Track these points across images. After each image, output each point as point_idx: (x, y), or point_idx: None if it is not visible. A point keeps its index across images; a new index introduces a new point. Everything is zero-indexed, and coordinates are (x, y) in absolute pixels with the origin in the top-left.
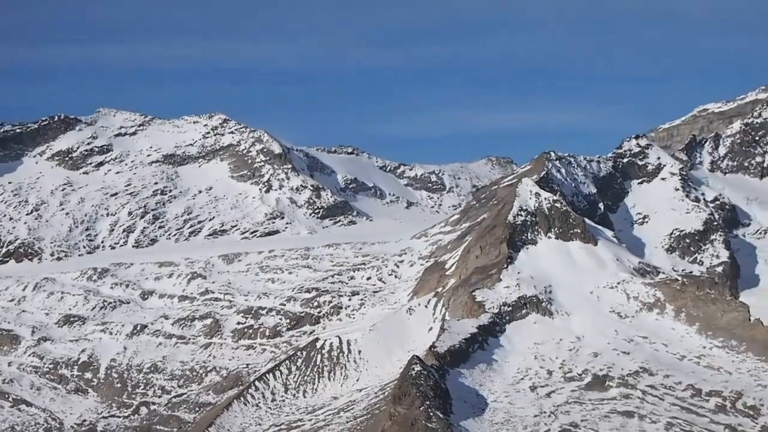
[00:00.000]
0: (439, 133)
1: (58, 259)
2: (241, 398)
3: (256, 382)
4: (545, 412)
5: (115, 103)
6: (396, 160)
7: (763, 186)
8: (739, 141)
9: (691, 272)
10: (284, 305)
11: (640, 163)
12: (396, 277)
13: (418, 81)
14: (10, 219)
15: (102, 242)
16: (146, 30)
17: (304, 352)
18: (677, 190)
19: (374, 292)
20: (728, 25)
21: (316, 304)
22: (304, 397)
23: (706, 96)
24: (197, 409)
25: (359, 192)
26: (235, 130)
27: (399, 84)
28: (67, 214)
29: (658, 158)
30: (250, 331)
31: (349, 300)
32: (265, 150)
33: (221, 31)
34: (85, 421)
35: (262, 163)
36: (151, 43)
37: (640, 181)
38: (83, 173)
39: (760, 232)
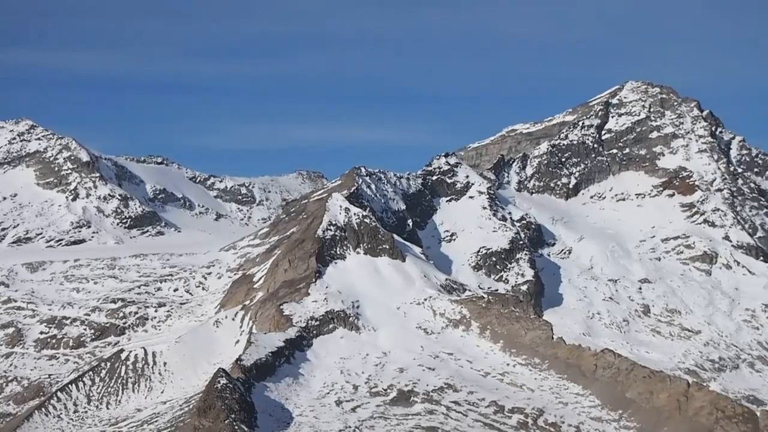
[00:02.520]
0: (250, 146)
1: None
2: (43, 409)
3: (59, 393)
4: (350, 427)
5: None
6: (206, 171)
7: (569, 206)
8: (545, 162)
9: (497, 290)
10: (89, 315)
11: (448, 181)
12: (203, 289)
13: (230, 94)
14: None
15: None
16: None
17: (108, 363)
18: (485, 208)
19: (181, 303)
20: (538, 49)
21: (121, 314)
22: (108, 408)
23: (514, 117)
24: None
25: (168, 203)
26: (42, 136)
27: (211, 96)
28: None
29: (467, 177)
30: (54, 340)
31: (156, 311)
32: (72, 158)
33: (33, 36)
34: None
35: (70, 171)
36: None
37: (448, 198)
38: None
39: (565, 252)
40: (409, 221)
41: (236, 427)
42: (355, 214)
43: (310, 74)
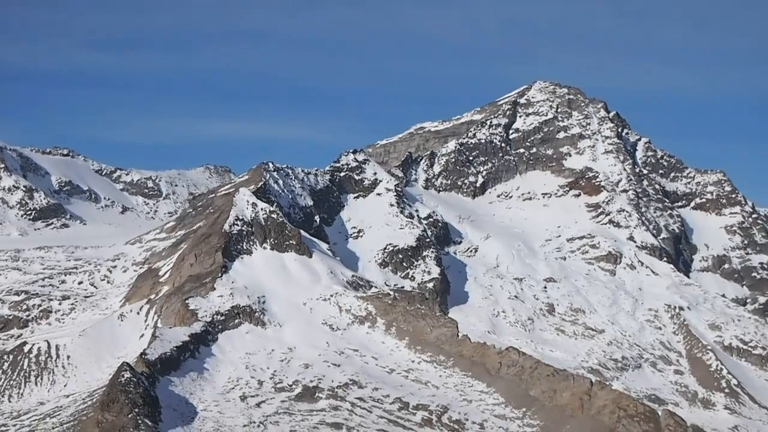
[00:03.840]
0: (158, 140)
1: None
2: None
3: None
4: (255, 422)
5: None
6: (112, 164)
7: (476, 205)
8: (453, 160)
9: (403, 287)
10: None
11: (356, 177)
12: (108, 282)
13: (138, 88)
14: None
15: None
16: None
17: (11, 356)
18: (392, 205)
19: (86, 297)
20: (447, 48)
21: (24, 307)
22: (9, 401)
23: (423, 115)
24: None
25: (73, 195)
26: None
27: (119, 90)
28: None
29: (375, 173)
30: None
31: (60, 304)
32: None
33: None
34: None
35: None
36: None
37: (356, 195)
38: None
39: (471, 250)
40: (317, 217)
41: (140, 422)
42: (262, 209)
43: (220, 69)
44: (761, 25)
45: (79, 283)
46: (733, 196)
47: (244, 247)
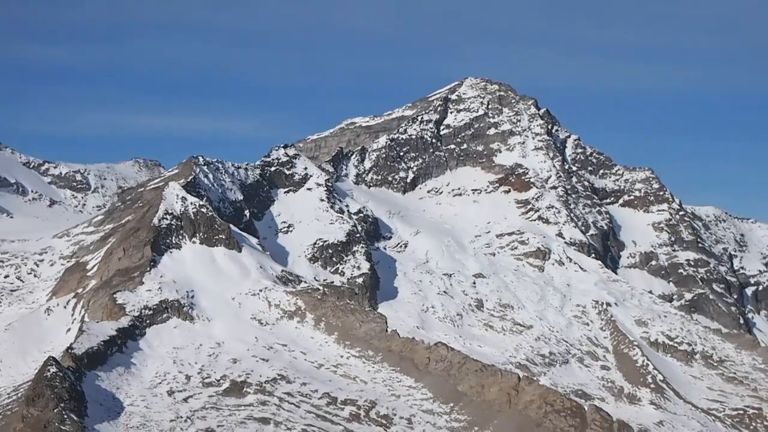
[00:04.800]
0: (86, 133)
1: None
2: None
3: None
4: (182, 417)
5: None
6: (40, 157)
7: (406, 200)
8: (384, 156)
9: (333, 282)
10: None
11: (287, 172)
12: (35, 276)
13: (67, 79)
14: None
15: None
16: None
17: None
18: (322, 201)
19: (12, 290)
20: (378, 44)
21: None
22: None
23: (354, 110)
24: None
25: (0, 188)
26: None
27: (47, 82)
28: None
29: (305, 168)
30: None
31: None
32: None
33: None
34: None
35: None
36: None
37: (286, 190)
38: None
39: (401, 246)
40: (247, 212)
41: (65, 417)
42: (191, 203)
43: (150, 63)
44: (688, 19)
45: (5, 276)
46: (661, 193)
47: (173, 242)
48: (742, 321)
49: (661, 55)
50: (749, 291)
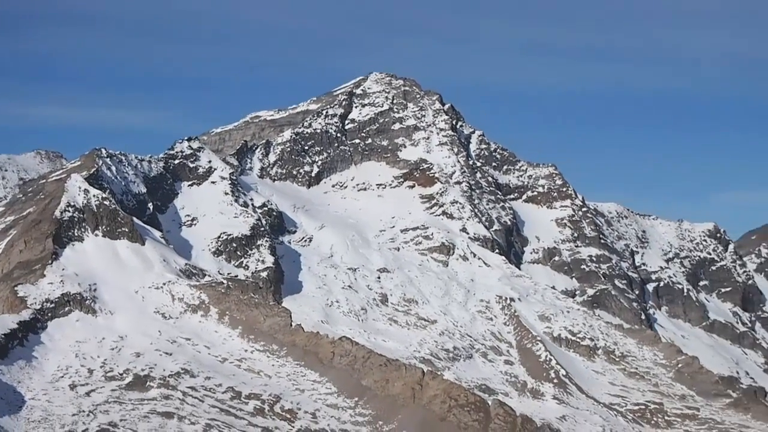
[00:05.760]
0: None
1: None
2: None
3: None
4: (84, 411)
5: None
6: None
7: (310, 194)
8: (288, 149)
9: (237, 276)
10: None
11: (191, 165)
12: None
13: None
14: None
15: None
16: None
17: None
18: (226, 194)
19: None
20: (283, 37)
21: None
22: None
23: (258, 103)
24: None
25: None
26: None
27: None
28: None
29: (209, 161)
30: None
31: None
32: None
33: None
34: None
35: None
36: None
37: (190, 183)
38: None
39: (306, 240)
40: (150, 205)
41: None
42: (94, 195)
43: (52, 53)
44: (607, 19)
45: None
46: (564, 189)
47: (76, 234)
48: (643, 317)
49: (564, 50)
50: (650, 287)
